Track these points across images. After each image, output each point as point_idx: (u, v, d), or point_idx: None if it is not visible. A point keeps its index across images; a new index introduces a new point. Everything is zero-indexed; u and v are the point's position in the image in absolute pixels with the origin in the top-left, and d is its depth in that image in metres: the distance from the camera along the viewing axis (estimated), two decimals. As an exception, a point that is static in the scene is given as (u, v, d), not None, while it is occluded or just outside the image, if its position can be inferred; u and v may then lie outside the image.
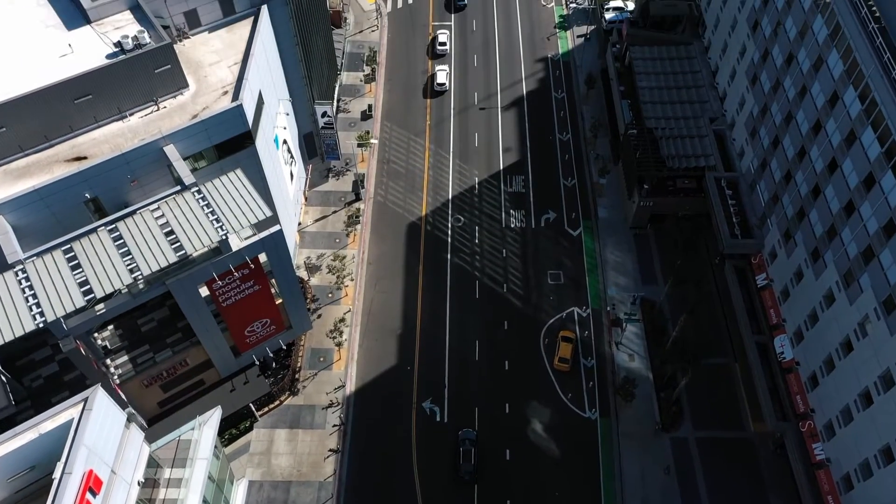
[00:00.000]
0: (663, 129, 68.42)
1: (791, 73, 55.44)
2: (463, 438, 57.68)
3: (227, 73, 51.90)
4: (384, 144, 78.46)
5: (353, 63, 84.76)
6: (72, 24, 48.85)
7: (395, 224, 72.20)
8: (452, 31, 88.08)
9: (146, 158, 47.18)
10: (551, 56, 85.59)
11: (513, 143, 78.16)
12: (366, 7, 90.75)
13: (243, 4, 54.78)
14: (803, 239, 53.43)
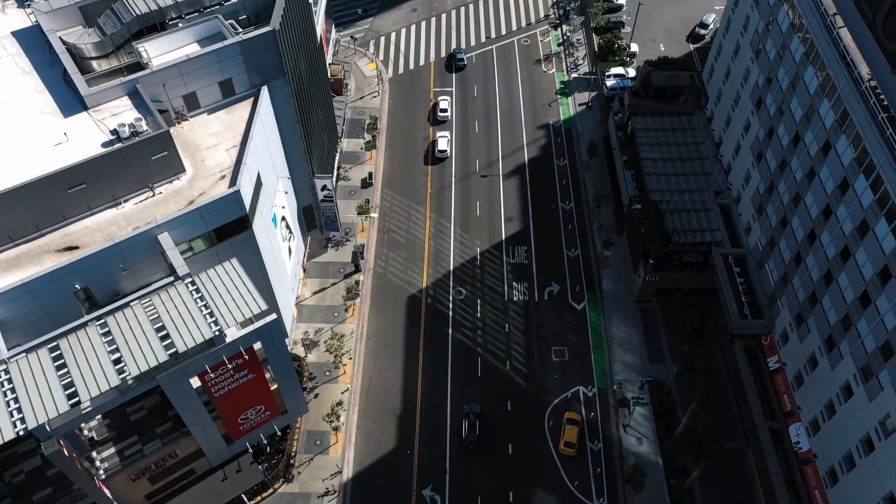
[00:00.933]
0: (668, 202, 67.47)
1: (798, 153, 54.64)
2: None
3: (226, 156, 51.03)
4: (384, 213, 77.47)
5: (354, 130, 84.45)
6: (69, 111, 48.18)
7: (395, 297, 70.61)
8: (453, 97, 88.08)
9: (139, 247, 45.89)
10: (553, 123, 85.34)
11: (515, 211, 77.17)
12: (367, 73, 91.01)
13: (243, 86, 54.29)
14: (816, 325, 51.77)
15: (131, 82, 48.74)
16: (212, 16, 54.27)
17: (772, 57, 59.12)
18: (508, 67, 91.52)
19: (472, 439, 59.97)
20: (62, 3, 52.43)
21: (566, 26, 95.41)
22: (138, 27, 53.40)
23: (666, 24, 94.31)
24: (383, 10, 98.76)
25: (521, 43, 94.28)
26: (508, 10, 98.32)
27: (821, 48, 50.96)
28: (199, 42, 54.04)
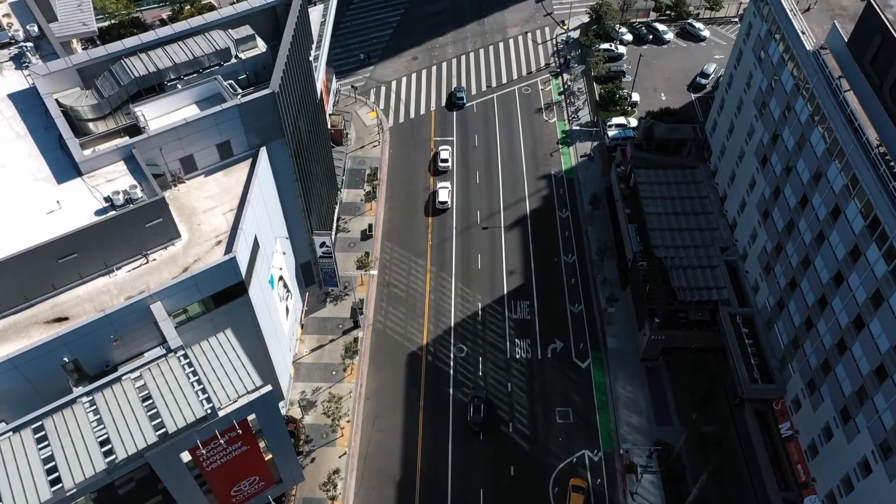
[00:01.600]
0: (672, 258, 66.25)
1: (806, 216, 53.59)
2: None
3: (222, 220, 49.95)
4: (384, 266, 76.24)
5: (354, 180, 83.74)
6: (62, 178, 47.26)
7: (395, 354, 68.95)
8: (454, 147, 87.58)
9: (132, 317, 44.47)
10: (554, 173, 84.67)
11: (517, 265, 75.93)
12: (367, 122, 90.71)
13: (242, 147, 53.51)
14: (830, 394, 50.08)
15: (127, 147, 47.92)
16: (211, 77, 53.77)
17: (776, 116, 58.51)
18: (510, 116, 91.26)
19: (477, 421, 62.34)
20: (60, 66, 51.92)
21: (567, 75, 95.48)
22: (136, 89, 52.83)
23: (666, 73, 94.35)
24: (384, 59, 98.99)
25: (522, 91, 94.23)
26: (509, 58, 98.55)
27: (827, 111, 50.28)
28: (197, 103, 53.43)
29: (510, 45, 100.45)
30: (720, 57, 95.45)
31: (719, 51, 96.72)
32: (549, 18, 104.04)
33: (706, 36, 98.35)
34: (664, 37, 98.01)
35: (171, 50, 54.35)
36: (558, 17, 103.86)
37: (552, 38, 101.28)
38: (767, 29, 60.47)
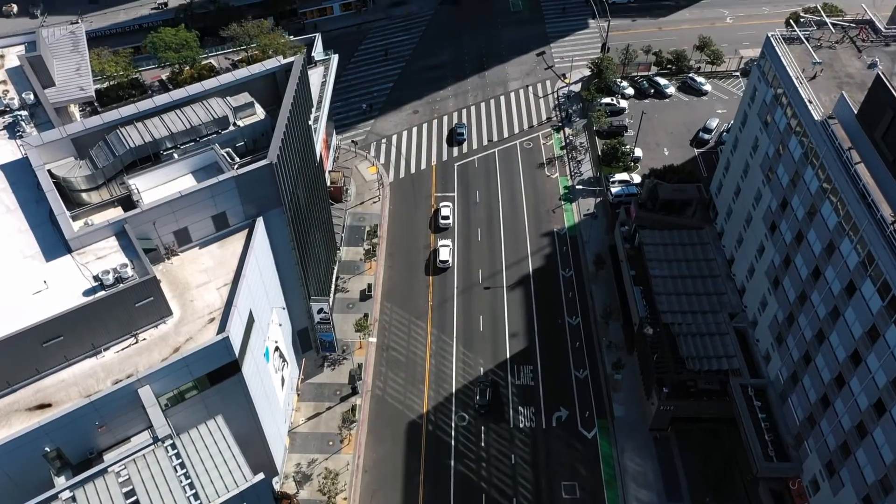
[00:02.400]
0: (680, 324, 64.36)
1: (819, 289, 51.94)
2: None
3: (216, 296, 48.28)
4: (384, 328, 74.31)
5: (354, 237, 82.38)
6: (51, 255, 45.76)
7: (395, 423, 66.56)
8: (455, 203, 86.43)
9: (118, 403, 42.50)
10: (557, 230, 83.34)
11: (520, 327, 74.02)
12: (367, 177, 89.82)
13: (238, 218, 52.17)
14: (851, 480, 47.72)
15: (119, 223, 46.54)
16: (208, 147, 52.71)
17: (784, 184, 57.33)
18: (511, 171, 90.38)
19: (483, 404, 66.40)
20: (54, 136, 50.90)
21: (569, 129, 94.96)
22: (132, 159, 51.72)
23: (669, 128, 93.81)
24: (385, 112, 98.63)
25: (523, 146, 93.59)
26: (510, 112, 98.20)
27: (838, 184, 49.06)
28: (193, 173, 52.26)
29: (511, 99, 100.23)
30: (722, 111, 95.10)
31: (721, 105, 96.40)
32: (550, 72, 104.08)
33: (708, 90, 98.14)
34: (666, 91, 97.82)
35: (168, 119, 53.43)
36: (559, 70, 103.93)
37: (553, 92, 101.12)
38: (773, 95, 59.74)
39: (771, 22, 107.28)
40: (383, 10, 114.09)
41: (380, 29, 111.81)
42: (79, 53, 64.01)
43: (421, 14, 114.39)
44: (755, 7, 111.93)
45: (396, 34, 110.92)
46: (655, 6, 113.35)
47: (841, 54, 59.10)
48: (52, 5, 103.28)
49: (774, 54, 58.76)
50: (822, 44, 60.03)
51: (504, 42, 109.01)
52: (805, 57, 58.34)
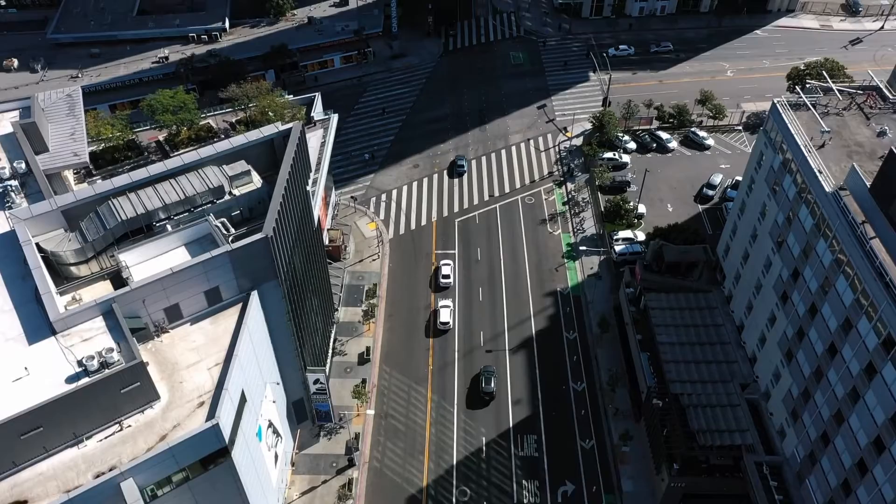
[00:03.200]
0: (689, 394, 61.98)
1: (836, 367, 49.81)
2: None
3: (207, 377, 46.14)
4: (382, 393, 71.85)
5: (352, 297, 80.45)
6: (34, 337, 43.75)
7: (393, 498, 63.63)
8: (456, 261, 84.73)
9: (99, 497, 40.01)
10: (560, 290, 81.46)
11: (523, 393, 71.56)
12: (367, 233, 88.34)
13: (231, 292, 50.35)
14: (878, 575, 44.87)
15: (107, 302, 44.70)
16: (202, 219, 51.19)
17: (796, 253, 55.69)
18: (513, 228, 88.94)
19: (489, 391, 70.06)
20: (44, 209, 49.41)
21: (571, 184, 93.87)
22: (123, 231, 50.19)
23: (672, 183, 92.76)
24: (385, 166, 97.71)
25: (525, 201, 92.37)
26: (511, 166, 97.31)
27: (853, 260, 47.38)
28: (186, 245, 50.64)
29: (513, 153, 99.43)
30: (726, 166, 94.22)
31: (724, 160, 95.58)
32: (551, 125, 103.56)
33: (710, 144, 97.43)
34: (668, 145, 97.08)
35: (162, 188, 52.05)
36: (561, 123, 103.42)
37: (555, 146, 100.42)
38: (781, 162, 58.57)
39: (771, 76, 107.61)
40: (384, 63, 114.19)
41: (380, 82, 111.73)
42: (74, 117, 63.10)
43: (421, 66, 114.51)
44: (755, 61, 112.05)
45: (397, 87, 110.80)
46: (656, 59, 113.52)
47: (849, 121, 58.11)
48: (52, 60, 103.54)
49: (781, 121, 57.77)
50: (830, 110, 59.11)
51: (505, 94, 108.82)
52: (813, 124, 57.33)
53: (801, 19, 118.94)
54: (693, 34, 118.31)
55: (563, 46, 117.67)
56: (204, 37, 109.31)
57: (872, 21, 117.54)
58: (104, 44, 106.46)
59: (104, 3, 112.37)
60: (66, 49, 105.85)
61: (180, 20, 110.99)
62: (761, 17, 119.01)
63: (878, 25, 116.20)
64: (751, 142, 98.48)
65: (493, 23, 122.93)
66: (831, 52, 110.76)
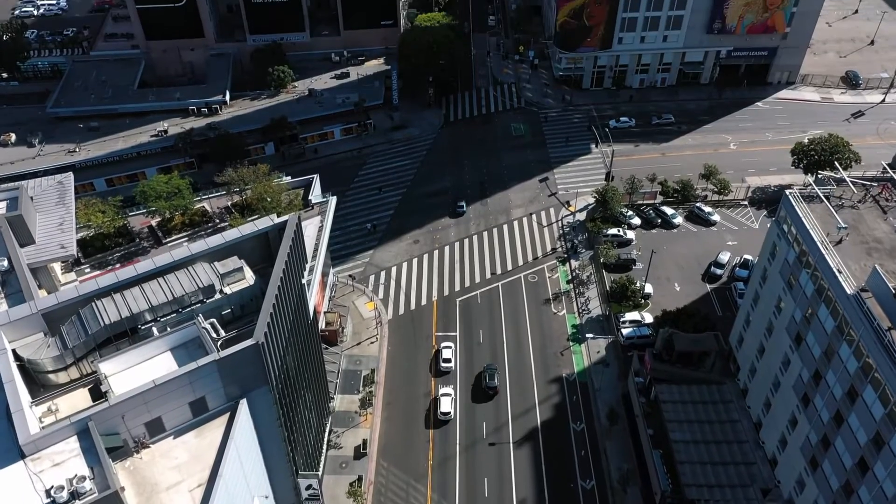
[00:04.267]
0: (707, 500, 58.07)
1: (868, 485, 46.23)
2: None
3: (188, 499, 42.59)
4: (379, 491, 67.70)
5: (349, 384, 77.00)
6: (2, 460, 40.45)
7: None
8: (457, 344, 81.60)
9: None
10: (566, 376, 78.09)
11: (528, 491, 67.41)
12: (365, 314, 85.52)
13: (218, 401, 47.19)
14: None
15: (82, 421, 41.53)
16: (190, 322, 48.43)
17: (817, 355, 52.77)
18: (516, 308, 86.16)
19: (492, 385, 74.90)
20: (23, 313, 46.75)
21: (574, 261, 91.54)
22: (106, 336, 47.49)
23: (679, 261, 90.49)
24: (384, 242, 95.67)
25: (528, 279, 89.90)
26: (514, 242, 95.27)
27: (882, 372, 44.48)
28: (172, 351, 47.69)
29: (514, 228, 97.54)
30: (733, 243, 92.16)
31: (731, 236, 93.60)
32: (553, 199, 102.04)
33: (716, 220, 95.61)
34: (673, 221, 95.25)
35: (150, 288, 49.57)
36: (563, 197, 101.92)
37: (558, 220, 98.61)
38: (796, 256, 56.29)
39: (775, 148, 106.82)
40: (384, 134, 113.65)
41: (381, 153, 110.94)
42: (64, 206, 61.26)
43: (422, 138, 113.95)
44: (758, 133, 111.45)
45: (397, 159, 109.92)
46: (658, 131, 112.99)
47: (865, 215, 56.11)
48: (51, 133, 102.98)
49: (795, 214, 55.76)
50: (844, 202, 57.23)
51: (506, 167, 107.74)
52: (828, 217, 55.30)
53: (801, 92, 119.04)
54: (694, 106, 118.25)
55: (565, 118, 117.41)
56: (204, 110, 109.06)
57: (873, 94, 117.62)
58: (104, 117, 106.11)
59: (106, 77, 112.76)
60: (65, 122, 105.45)
61: (181, 93, 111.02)
62: (762, 90, 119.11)
63: (879, 98, 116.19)
64: (757, 217, 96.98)
65: (493, 94, 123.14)
66: (834, 125, 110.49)
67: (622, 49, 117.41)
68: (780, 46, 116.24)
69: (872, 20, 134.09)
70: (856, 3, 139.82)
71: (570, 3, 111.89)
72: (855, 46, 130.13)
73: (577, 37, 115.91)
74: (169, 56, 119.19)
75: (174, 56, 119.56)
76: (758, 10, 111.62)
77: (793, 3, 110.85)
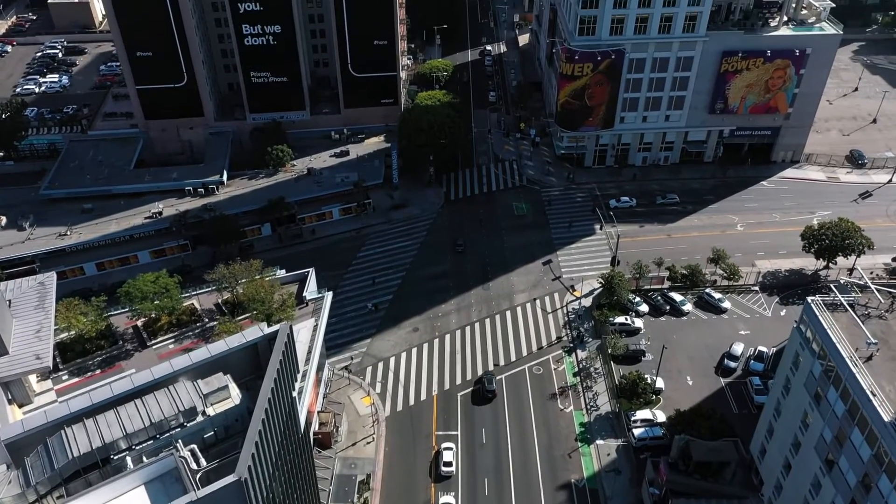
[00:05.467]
0: None
1: None
2: None
3: None
4: None
5: (342, 490, 71.84)
6: None
7: None
8: (459, 445, 76.75)
9: None
10: (576, 482, 73.00)
11: None
12: (361, 410, 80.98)
13: (195, 544, 42.62)
14: None
15: (39, 581, 37.04)
16: (167, 449, 44.36)
17: (852, 484, 48.35)
18: (520, 403, 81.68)
19: (490, 389, 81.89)
20: (-16, 447, 42.80)
21: (581, 352, 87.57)
22: (74, 469, 43.30)
23: (690, 351, 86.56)
24: (383, 329, 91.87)
25: (532, 371, 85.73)
26: (517, 330, 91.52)
27: (931, 516, 40.08)
28: (146, 485, 43.40)
29: (518, 315, 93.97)
30: (745, 332, 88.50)
31: (743, 324, 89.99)
32: (557, 283, 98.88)
33: (727, 307, 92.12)
34: (682, 308, 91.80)
35: (125, 413, 45.69)
36: (567, 281, 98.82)
37: (563, 306, 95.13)
38: (822, 370, 52.55)
39: (784, 230, 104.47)
40: (383, 214, 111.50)
41: (380, 234, 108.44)
42: (44, 310, 57.80)
43: (422, 217, 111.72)
44: (765, 214, 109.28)
45: (397, 239, 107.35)
46: (662, 211, 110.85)
47: (893, 326, 52.70)
48: (43, 216, 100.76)
49: (820, 326, 52.34)
50: (870, 311, 53.91)
51: (508, 248, 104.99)
52: (854, 329, 51.86)
53: (806, 171, 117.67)
54: (698, 185, 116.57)
55: (567, 197, 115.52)
56: (200, 190, 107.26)
57: (879, 174, 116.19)
58: (98, 198, 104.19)
59: (102, 156, 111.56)
60: (58, 204, 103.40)
61: (178, 173, 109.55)
62: (766, 169, 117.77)
63: (886, 178, 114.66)
64: (769, 304, 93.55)
65: (495, 171, 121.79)
66: (842, 205, 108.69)
67: (624, 128, 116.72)
68: (783, 126, 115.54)
69: (873, 98, 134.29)
70: (855, 81, 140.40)
71: (571, 83, 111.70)
72: (857, 124, 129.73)
73: (579, 117, 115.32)
74: (168, 134, 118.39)
75: (173, 134, 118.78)
76: (760, 91, 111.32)
77: (794, 85, 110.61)
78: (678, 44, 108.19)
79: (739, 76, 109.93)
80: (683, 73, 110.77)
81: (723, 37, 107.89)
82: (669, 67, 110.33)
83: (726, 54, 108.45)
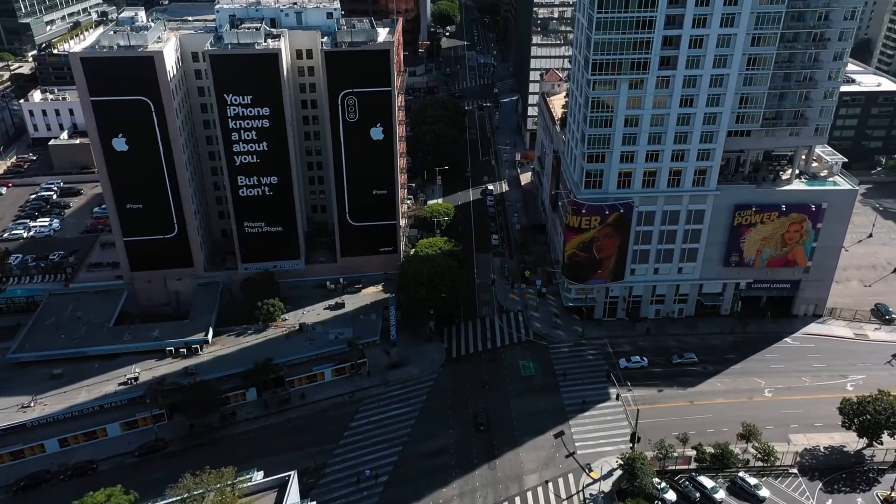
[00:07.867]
0: None
1: None
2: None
3: None
4: None
5: None
6: None
7: None
8: None
9: None
10: None
11: None
12: None
13: None
14: None
15: None
16: None
17: None
18: None
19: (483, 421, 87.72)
20: None
21: (603, 553, 76.15)
22: None
23: (728, 554, 75.09)
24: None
25: (547, 580, 73.90)
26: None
27: None
28: None
29: (529, 502, 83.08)
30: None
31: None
32: (571, 460, 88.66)
33: (765, 496, 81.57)
34: (714, 497, 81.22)
35: None
36: (582, 458, 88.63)
37: (579, 491, 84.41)
38: None
39: (817, 397, 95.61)
40: (380, 374, 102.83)
41: (375, 398, 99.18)
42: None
43: (422, 378, 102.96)
44: (793, 377, 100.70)
45: (393, 405, 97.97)
46: (681, 372, 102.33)
47: None
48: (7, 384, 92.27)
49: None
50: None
51: (516, 417, 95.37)
52: None
53: (831, 326, 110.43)
54: (717, 341, 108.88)
55: (577, 354, 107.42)
56: (183, 350, 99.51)
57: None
58: (72, 360, 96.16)
59: (82, 312, 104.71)
60: (26, 368, 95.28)
61: (160, 330, 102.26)
62: (788, 323, 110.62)
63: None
64: (812, 491, 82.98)
65: (499, 323, 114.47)
66: (875, 367, 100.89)
67: (635, 280, 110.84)
68: (802, 279, 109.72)
69: (889, 245, 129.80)
70: (869, 227, 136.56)
71: (578, 236, 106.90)
72: (878, 274, 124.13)
73: (588, 269, 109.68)
74: (154, 286, 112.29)
75: (160, 285, 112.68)
76: (776, 244, 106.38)
77: (812, 239, 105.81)
78: (688, 197, 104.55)
79: (754, 229, 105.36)
80: (695, 225, 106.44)
81: (735, 191, 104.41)
82: (681, 220, 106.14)
83: (739, 208, 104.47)
